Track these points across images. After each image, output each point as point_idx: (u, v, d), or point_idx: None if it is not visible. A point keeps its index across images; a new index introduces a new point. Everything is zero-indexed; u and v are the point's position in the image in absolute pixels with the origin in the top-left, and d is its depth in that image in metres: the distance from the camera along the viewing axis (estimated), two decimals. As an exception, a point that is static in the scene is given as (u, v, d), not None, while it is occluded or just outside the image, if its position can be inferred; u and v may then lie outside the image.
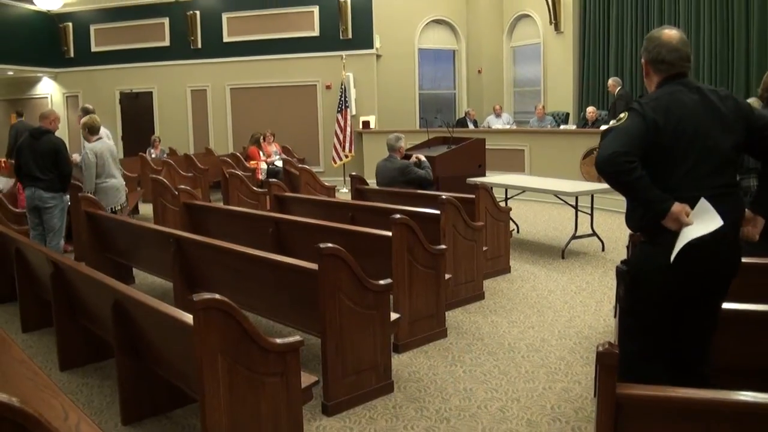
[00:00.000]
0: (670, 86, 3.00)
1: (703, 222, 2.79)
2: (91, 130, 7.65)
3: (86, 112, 8.63)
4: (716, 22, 12.05)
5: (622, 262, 3.21)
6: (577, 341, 5.18)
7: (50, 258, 4.99)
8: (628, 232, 4.16)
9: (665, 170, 2.88)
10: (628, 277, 3.10)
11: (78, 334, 4.91)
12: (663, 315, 2.99)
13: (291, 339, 3.37)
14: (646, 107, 2.91)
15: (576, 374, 4.56)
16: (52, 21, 17.10)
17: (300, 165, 12.01)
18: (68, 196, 7.56)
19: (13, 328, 5.83)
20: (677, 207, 2.79)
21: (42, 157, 7.07)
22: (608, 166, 2.83)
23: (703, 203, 2.80)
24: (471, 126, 15.10)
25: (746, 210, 3.07)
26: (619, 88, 12.22)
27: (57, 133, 7.51)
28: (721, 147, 2.91)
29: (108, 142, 7.81)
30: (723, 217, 2.82)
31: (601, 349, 2.27)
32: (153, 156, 14.31)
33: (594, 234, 8.11)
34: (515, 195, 9.32)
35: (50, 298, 5.00)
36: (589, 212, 8.12)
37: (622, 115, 2.97)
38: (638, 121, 2.88)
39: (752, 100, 5.17)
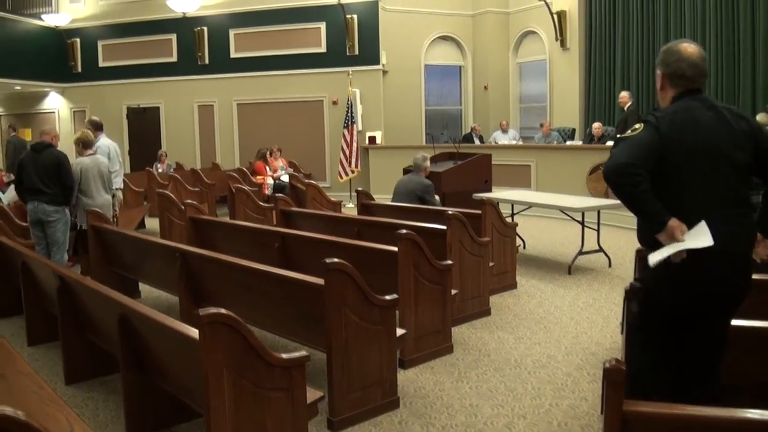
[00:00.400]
0: (685, 101, 2.99)
1: (694, 238, 2.79)
2: (85, 145, 7.61)
3: (94, 124, 8.64)
4: (722, 37, 12.06)
5: (635, 279, 3.20)
6: (584, 357, 5.16)
7: (57, 272, 4.99)
8: (635, 247, 4.15)
9: (678, 186, 2.87)
10: (641, 293, 3.08)
11: (84, 348, 4.91)
12: (674, 331, 2.98)
13: (297, 354, 3.37)
14: (661, 121, 2.90)
15: (583, 391, 4.54)
16: (60, 36, 17.21)
17: (306, 180, 12.04)
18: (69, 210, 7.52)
19: (19, 342, 5.83)
20: (674, 222, 2.79)
21: (45, 171, 7.06)
22: (615, 176, 2.83)
23: (702, 225, 2.80)
24: (477, 141, 15.10)
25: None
26: (630, 103, 12.20)
27: (63, 148, 7.52)
28: (735, 165, 2.91)
29: (99, 158, 7.72)
30: (737, 237, 2.82)
31: (608, 365, 2.25)
32: (160, 170, 14.36)
33: (601, 250, 8.09)
34: (522, 210, 9.31)
35: (56, 312, 5.01)
36: (596, 228, 8.11)
37: (637, 126, 2.95)
38: (651, 134, 2.88)
39: (761, 116, 5.18)
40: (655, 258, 2.84)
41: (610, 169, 2.86)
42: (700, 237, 2.79)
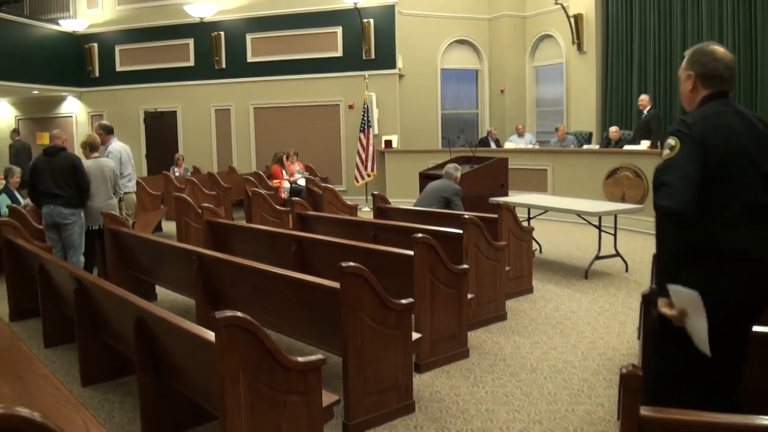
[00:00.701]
0: (714, 105, 2.94)
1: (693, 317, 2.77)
2: (92, 148, 7.66)
3: (104, 128, 8.68)
4: (739, 40, 11.99)
5: (655, 282, 3.15)
6: (601, 363, 5.13)
7: (74, 274, 5.02)
8: (652, 252, 4.12)
9: (709, 191, 2.81)
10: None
11: (100, 350, 4.93)
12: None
13: (312, 357, 3.36)
14: (693, 128, 2.84)
15: (599, 396, 4.51)
16: (77, 42, 17.37)
17: (323, 184, 12.05)
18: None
19: (36, 344, 5.87)
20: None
21: (61, 174, 7.09)
22: (680, 215, 2.74)
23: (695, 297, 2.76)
24: (493, 145, 15.05)
25: None
26: (649, 106, 12.17)
27: (77, 151, 7.58)
28: (763, 172, 2.88)
29: (104, 162, 7.74)
30: (763, 243, 2.82)
31: (624, 371, 2.23)
32: (176, 174, 14.43)
33: (617, 254, 8.04)
34: (538, 215, 9.28)
35: (73, 314, 5.04)
36: (613, 232, 8.06)
37: (672, 142, 2.86)
38: (693, 150, 2.80)
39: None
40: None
41: (672, 209, 2.74)
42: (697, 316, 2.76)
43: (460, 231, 5.99)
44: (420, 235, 4.99)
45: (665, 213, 2.76)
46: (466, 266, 5.37)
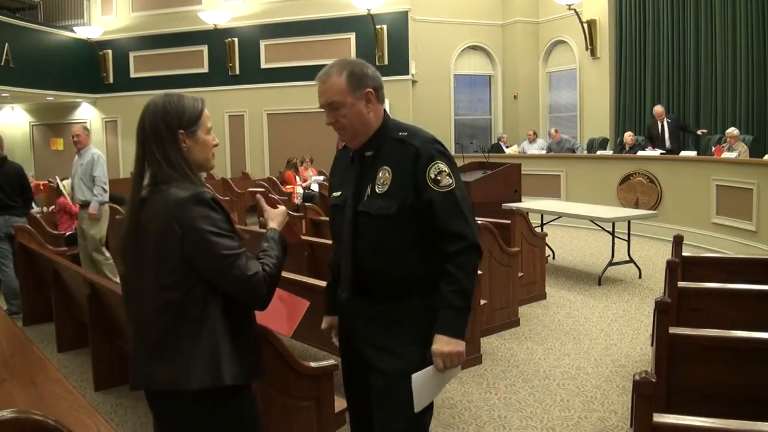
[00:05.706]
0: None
1: None
2: None
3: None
4: (753, 44, 11.92)
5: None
6: (614, 370, 5.10)
7: (87, 279, 5.04)
8: (666, 258, 4.09)
9: None
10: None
11: (113, 354, 4.95)
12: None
13: (325, 363, 3.37)
14: (445, 147, 2.68)
15: (612, 403, 4.48)
16: (91, 48, 17.48)
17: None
18: None
19: (49, 348, 5.89)
20: None
21: (9, 183, 6.97)
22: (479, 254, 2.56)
23: None
24: (507, 151, 15.01)
25: None
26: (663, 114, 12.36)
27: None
28: None
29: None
30: None
31: (638, 378, 2.23)
32: (190, 180, 14.46)
33: (631, 261, 8.01)
34: (551, 220, 9.25)
35: (86, 319, 5.05)
36: (626, 238, 8.03)
37: (445, 168, 2.56)
38: (458, 172, 2.61)
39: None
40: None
41: (478, 248, 2.53)
42: None
43: (473, 237, 5.96)
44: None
45: (479, 253, 2.56)
46: (478, 272, 5.35)
